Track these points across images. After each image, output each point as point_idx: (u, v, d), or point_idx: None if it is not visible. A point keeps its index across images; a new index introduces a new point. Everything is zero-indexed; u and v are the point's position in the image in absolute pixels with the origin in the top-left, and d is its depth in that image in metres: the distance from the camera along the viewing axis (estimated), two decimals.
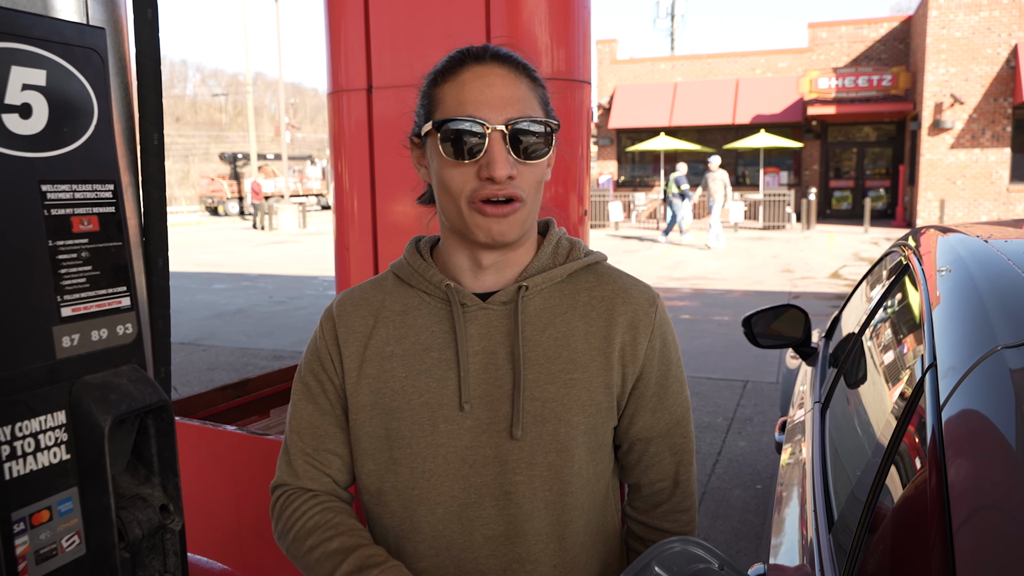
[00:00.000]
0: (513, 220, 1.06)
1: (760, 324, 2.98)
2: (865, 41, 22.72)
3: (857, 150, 24.01)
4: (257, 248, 18.69)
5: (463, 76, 1.06)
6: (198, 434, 2.14)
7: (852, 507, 1.30)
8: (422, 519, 1.12)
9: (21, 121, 0.91)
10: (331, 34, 2.85)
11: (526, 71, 1.09)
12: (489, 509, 1.11)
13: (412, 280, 1.17)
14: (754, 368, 6.65)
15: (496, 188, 1.03)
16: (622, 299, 1.16)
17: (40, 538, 0.92)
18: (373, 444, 1.14)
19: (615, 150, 25.92)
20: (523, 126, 1.04)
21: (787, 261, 14.11)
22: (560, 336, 1.12)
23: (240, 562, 2.15)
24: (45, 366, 0.93)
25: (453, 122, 1.03)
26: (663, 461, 1.21)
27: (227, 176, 36.72)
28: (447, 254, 1.16)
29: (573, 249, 1.19)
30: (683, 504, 1.25)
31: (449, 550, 1.11)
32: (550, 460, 1.10)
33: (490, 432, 1.10)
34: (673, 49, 40.83)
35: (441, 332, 1.13)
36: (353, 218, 2.88)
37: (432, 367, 1.12)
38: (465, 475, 1.10)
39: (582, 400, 1.11)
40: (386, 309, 1.17)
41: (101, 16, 1.06)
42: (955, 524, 0.90)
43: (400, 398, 1.12)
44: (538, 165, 1.07)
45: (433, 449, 1.10)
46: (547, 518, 1.12)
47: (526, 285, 1.12)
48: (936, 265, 1.70)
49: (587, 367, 1.12)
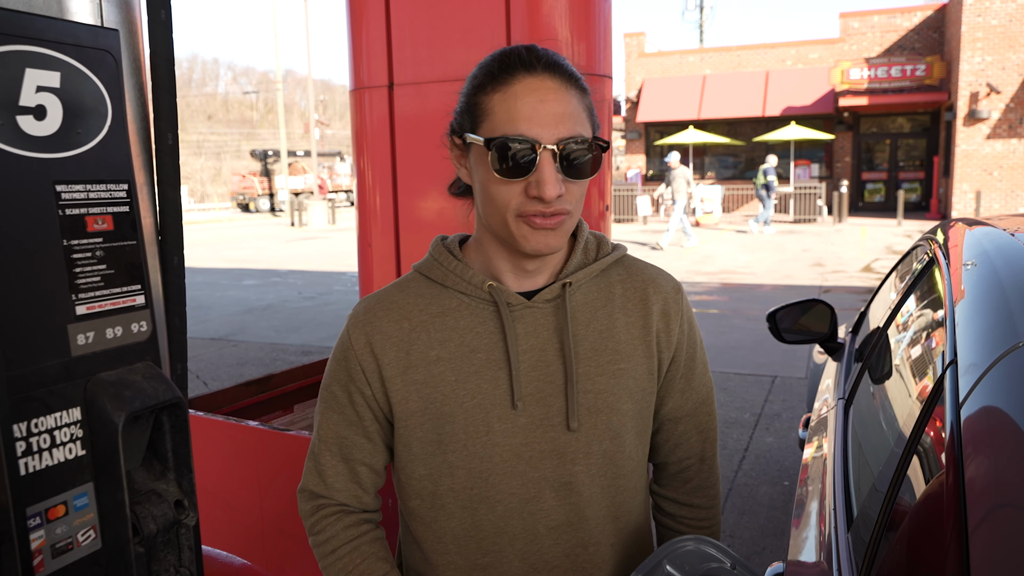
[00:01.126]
0: (560, 232, 1.07)
1: (785, 319, 2.94)
2: (898, 30, 22.33)
3: (890, 141, 23.61)
4: (287, 244, 18.88)
5: (514, 88, 1.04)
6: (221, 429, 2.17)
7: (870, 505, 1.28)
8: (483, 518, 1.13)
9: (35, 122, 0.93)
10: (353, 32, 2.87)
11: (575, 81, 1.07)
12: (550, 501, 1.13)
13: (447, 281, 1.15)
14: (783, 363, 6.58)
15: (544, 207, 1.03)
16: (653, 289, 1.21)
17: (56, 532, 0.94)
18: (425, 449, 1.13)
19: (643, 144, 25.76)
20: (574, 146, 1.03)
21: (818, 255, 13.93)
22: (603, 329, 1.16)
23: (263, 557, 2.18)
24: (60, 363, 0.94)
25: (505, 140, 1.02)
26: (690, 439, 1.27)
27: (258, 173, 37.09)
28: (487, 254, 1.15)
29: (601, 244, 1.22)
30: (710, 479, 1.32)
31: (513, 545, 1.13)
32: (604, 448, 1.14)
33: (544, 427, 1.12)
34: (702, 41, 40.47)
35: (486, 333, 1.13)
36: (376, 214, 2.89)
37: (481, 368, 1.12)
38: (522, 471, 1.12)
39: (630, 388, 1.16)
40: (420, 312, 1.15)
41: (115, 18, 1.07)
42: (971, 524, 0.88)
43: (452, 402, 1.11)
44: (584, 182, 1.07)
45: (489, 449, 1.11)
46: (603, 501, 1.16)
47: (570, 282, 1.14)
48: (962, 259, 1.66)
49: (631, 356, 1.17)
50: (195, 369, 7.00)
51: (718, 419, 5.17)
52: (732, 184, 24.38)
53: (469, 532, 1.14)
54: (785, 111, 22.75)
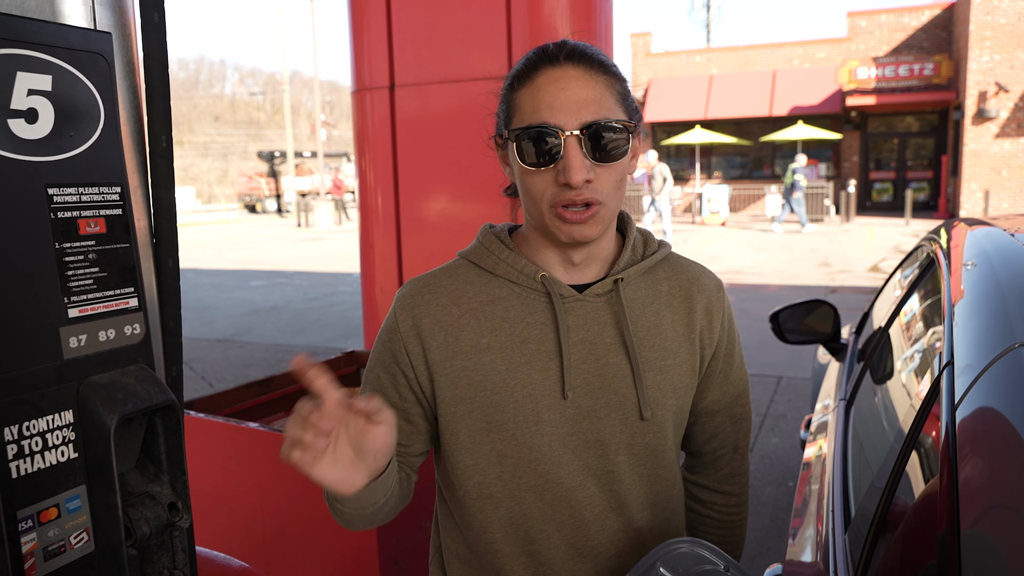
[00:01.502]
0: (593, 222, 1.07)
1: (788, 320, 2.94)
2: (906, 29, 22.24)
3: (898, 141, 23.52)
4: (293, 245, 18.92)
5: (538, 80, 1.06)
6: (222, 431, 2.17)
7: (867, 506, 1.28)
8: (531, 506, 1.15)
9: (27, 126, 0.93)
10: (354, 33, 2.87)
11: (603, 68, 1.07)
12: (592, 488, 1.15)
13: (497, 269, 1.16)
14: (789, 363, 6.56)
15: (573, 194, 1.04)
16: (697, 287, 1.22)
17: (48, 535, 0.94)
18: (473, 438, 1.14)
19: (650, 144, 25.72)
20: (599, 128, 1.03)
21: (825, 254, 13.89)
22: (651, 325, 1.17)
23: (264, 558, 2.18)
24: (52, 366, 0.95)
25: (528, 130, 1.04)
26: (725, 430, 1.31)
27: (265, 174, 37.17)
28: (535, 248, 1.16)
29: (648, 242, 1.24)
30: (741, 467, 1.35)
31: (560, 531, 1.16)
32: (648, 440, 1.17)
33: (591, 419, 1.13)
34: (709, 41, 40.40)
35: (537, 323, 1.13)
36: (377, 215, 2.90)
37: (531, 358, 1.12)
38: (568, 460, 1.14)
39: (674, 384, 1.18)
40: (469, 299, 1.16)
41: (108, 21, 1.07)
42: (964, 526, 0.88)
43: (502, 391, 1.12)
44: (618, 165, 1.07)
45: (538, 439, 1.12)
46: (643, 488, 1.19)
47: (622, 278, 1.15)
48: (962, 260, 1.66)
49: (676, 353, 1.18)
50: (200, 370, 7.02)
51: None
52: (739, 184, 24.33)
53: (517, 520, 1.16)
54: (792, 110, 22.68)
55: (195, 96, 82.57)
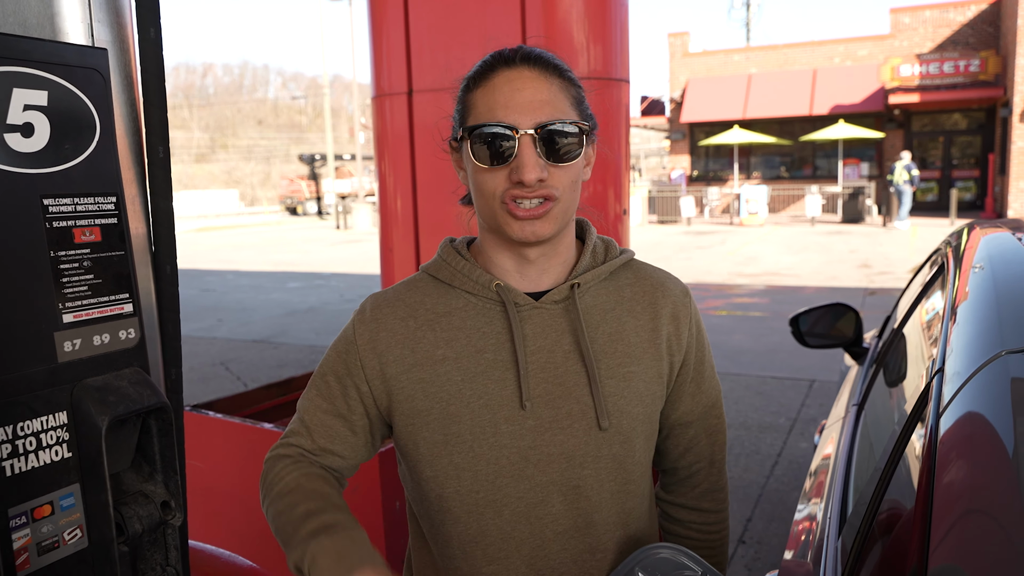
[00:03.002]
0: (547, 219, 1.06)
1: (809, 323, 2.91)
2: (951, 25, 21.74)
3: (943, 139, 23.01)
4: (331, 247, 19.15)
5: (494, 81, 1.06)
6: (238, 432, 2.22)
7: (857, 512, 1.27)
8: (489, 522, 1.11)
9: (23, 139, 0.97)
10: (373, 40, 2.91)
11: (558, 71, 1.08)
12: (558, 505, 1.12)
13: (454, 281, 1.15)
14: (822, 367, 6.47)
15: (527, 191, 1.04)
16: (662, 292, 1.20)
17: (42, 531, 0.98)
18: (431, 451, 1.12)
19: (688, 144, 25.52)
20: (553, 129, 1.04)
21: (865, 256, 13.65)
22: (613, 332, 1.15)
23: (278, 557, 2.22)
24: (47, 369, 0.99)
25: (483, 127, 1.04)
26: (700, 443, 1.27)
27: (306, 177, 37.68)
28: (489, 255, 1.15)
29: (609, 248, 1.22)
30: (720, 483, 1.30)
31: (519, 551, 1.12)
32: (614, 451, 1.13)
33: (553, 429, 1.10)
34: (749, 39, 39.95)
35: (493, 333, 1.12)
36: (397, 219, 2.94)
37: (488, 368, 1.11)
38: (530, 474, 1.10)
39: (640, 392, 1.15)
40: (426, 310, 1.15)
41: (106, 37, 1.11)
42: (934, 533, 0.88)
43: (458, 402, 1.10)
44: (572, 166, 1.07)
45: (496, 451, 1.10)
46: (613, 507, 1.15)
47: (578, 283, 1.14)
48: (971, 263, 1.63)
49: (641, 359, 1.16)
50: (236, 370, 7.16)
51: (753, 424, 5.09)
52: (778, 184, 24.02)
53: (475, 538, 1.12)
54: (833, 109, 22.32)
55: (239, 100, 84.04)
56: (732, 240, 17.29)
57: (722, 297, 10.29)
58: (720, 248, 15.70)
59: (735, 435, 4.97)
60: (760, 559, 3.42)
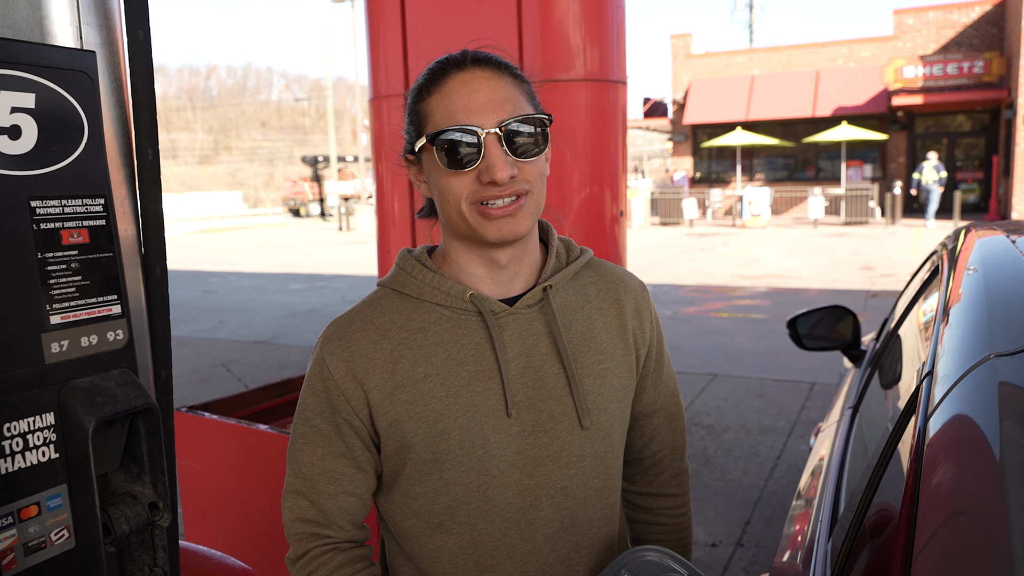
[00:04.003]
0: (521, 214, 1.06)
1: (806, 326, 2.90)
2: (955, 26, 21.71)
3: (947, 141, 22.96)
4: (334, 249, 19.18)
5: (448, 85, 1.06)
6: (233, 433, 2.23)
7: (846, 514, 1.27)
8: (482, 532, 1.11)
9: (10, 142, 0.98)
10: (371, 42, 2.92)
11: (508, 70, 1.09)
12: (547, 508, 1.12)
13: (423, 294, 1.12)
14: (823, 369, 6.45)
15: (499, 190, 1.04)
16: (624, 288, 1.23)
17: (28, 531, 0.98)
18: (420, 469, 1.10)
19: (690, 146, 25.51)
20: (516, 125, 1.04)
21: (868, 258, 13.63)
22: (584, 330, 1.16)
23: (272, 558, 2.23)
24: (34, 370, 0.99)
25: (446, 133, 1.03)
26: (663, 432, 1.32)
27: (308, 178, 37.71)
28: (458, 264, 1.13)
29: (569, 248, 1.23)
30: (682, 466, 1.36)
31: (511, 557, 1.12)
32: (596, 448, 1.15)
33: (537, 433, 1.11)
34: (752, 41, 39.93)
35: (471, 344, 1.10)
36: (394, 221, 2.94)
37: (471, 380, 1.09)
38: (518, 480, 1.11)
39: (615, 387, 1.17)
40: (399, 329, 1.11)
41: (95, 39, 1.11)
42: (918, 536, 0.88)
43: (445, 418, 1.08)
44: (537, 161, 1.07)
45: (485, 462, 1.09)
46: (598, 503, 1.17)
47: (551, 285, 1.14)
48: (965, 265, 1.63)
49: (613, 355, 1.18)
50: (237, 372, 7.16)
51: (753, 426, 5.07)
52: (781, 186, 23.99)
53: (468, 550, 1.12)
54: (836, 111, 22.30)
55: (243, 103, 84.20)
56: (734, 242, 17.27)
57: (724, 299, 10.28)
58: (722, 250, 15.69)
59: (734, 437, 4.97)
60: (758, 562, 3.41)
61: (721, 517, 3.81)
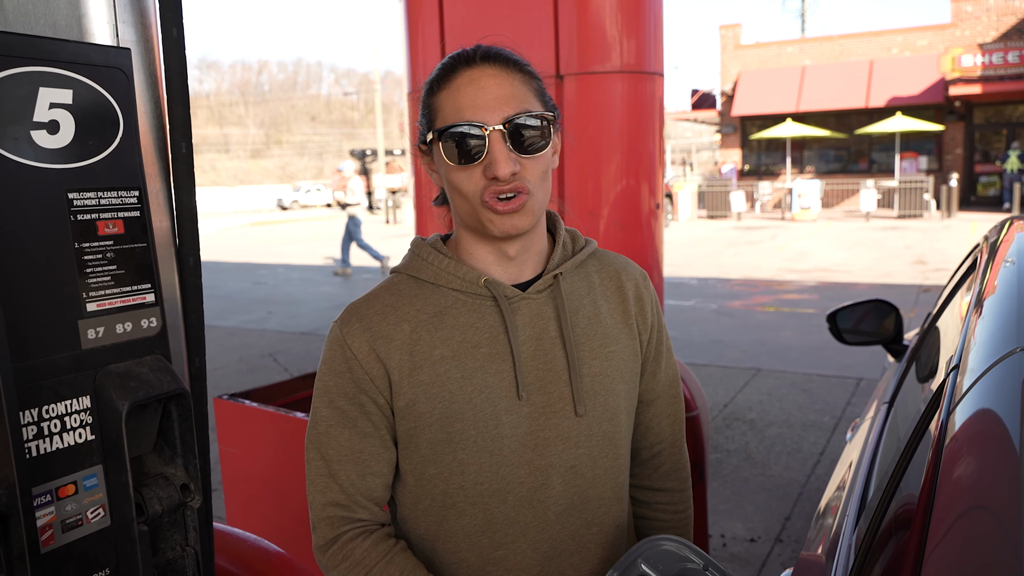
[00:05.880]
0: (523, 212, 1.09)
1: (847, 320, 2.86)
2: (1016, 13, 20.99)
3: (1006, 132, 22.25)
4: (380, 241, 19.37)
5: (457, 82, 1.10)
6: (272, 420, 2.28)
7: (871, 507, 1.26)
8: (495, 511, 1.15)
9: (48, 136, 1.02)
10: (409, 37, 2.95)
11: (518, 67, 1.12)
12: (557, 487, 1.16)
13: (440, 280, 1.16)
14: (870, 364, 6.33)
15: (502, 185, 1.07)
16: (625, 275, 1.27)
17: (66, 509, 1.03)
18: (434, 449, 1.13)
19: (739, 138, 25.15)
20: (520, 122, 1.07)
21: (921, 252, 13.30)
22: (591, 315, 1.21)
23: (309, 544, 2.27)
24: (71, 355, 1.03)
25: (453, 128, 1.07)
26: (661, 423, 1.32)
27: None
28: (468, 251, 1.18)
29: (575, 238, 1.27)
30: (681, 462, 1.36)
31: (524, 535, 1.16)
32: (604, 429, 1.19)
33: (547, 414, 1.15)
34: (804, 31, 39.15)
35: (486, 327, 1.14)
36: (431, 212, 2.97)
37: (485, 362, 1.13)
38: (529, 459, 1.14)
39: (620, 369, 1.21)
40: (417, 312, 1.15)
41: (131, 37, 1.16)
42: (933, 530, 0.87)
43: (460, 399, 1.12)
44: (541, 157, 1.10)
45: (498, 442, 1.13)
46: (607, 482, 1.21)
47: (561, 273, 1.18)
48: (1003, 258, 1.60)
49: (618, 339, 1.22)
50: (284, 362, 7.31)
51: (796, 422, 5.01)
52: (832, 178, 23.52)
53: (481, 528, 1.15)
54: (890, 101, 21.77)
55: (293, 97, 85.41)
56: (783, 235, 16.99)
57: (770, 293, 10.14)
58: (770, 243, 15.45)
59: (777, 432, 4.91)
60: (797, 558, 3.37)
61: (761, 512, 3.78)
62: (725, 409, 5.43)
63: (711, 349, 7.18)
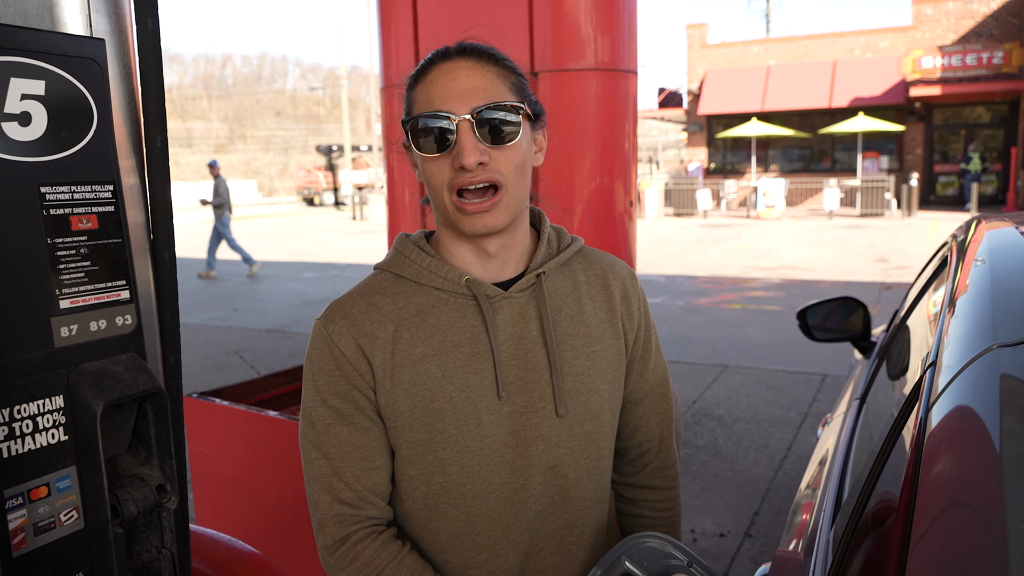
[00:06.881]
0: (497, 210, 1.08)
1: (816, 317, 2.89)
2: (975, 16, 21.45)
3: (965, 132, 22.73)
4: (347, 238, 19.24)
5: (431, 74, 1.10)
6: (243, 419, 2.25)
7: (848, 504, 1.27)
8: (477, 512, 1.14)
9: (20, 128, 0.99)
10: (382, 31, 2.92)
11: (494, 59, 1.11)
12: (538, 487, 1.15)
13: (421, 278, 1.15)
14: (835, 361, 6.43)
15: (469, 176, 1.05)
16: (612, 274, 1.26)
17: (38, 512, 1.00)
18: (415, 450, 1.13)
19: (705, 136, 25.37)
20: (489, 112, 1.06)
21: (883, 250, 13.53)
22: (574, 314, 1.19)
23: (281, 543, 2.25)
24: (43, 354, 1.01)
25: (421, 117, 1.07)
26: (649, 422, 1.31)
27: (323, 167, 37.79)
28: (448, 249, 1.16)
29: (561, 236, 1.25)
30: (669, 459, 1.35)
31: (507, 536, 1.15)
32: (586, 429, 1.17)
33: (528, 414, 1.14)
34: (768, 31, 39.62)
35: (467, 326, 1.13)
36: (404, 209, 2.95)
37: (465, 362, 1.12)
38: (510, 459, 1.13)
39: (604, 369, 1.20)
40: (399, 311, 1.14)
41: (104, 27, 1.13)
42: (916, 526, 0.88)
43: (441, 398, 1.11)
44: (513, 148, 1.08)
45: (479, 442, 1.12)
46: (589, 483, 1.20)
47: (544, 271, 1.17)
48: (973, 257, 1.62)
49: (602, 339, 1.21)
50: (250, 359, 7.22)
51: (764, 417, 5.07)
52: (796, 177, 23.84)
53: (464, 530, 1.14)
54: (853, 102, 22.11)
55: (257, 91, 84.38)
56: (748, 233, 17.19)
57: (737, 291, 10.25)
58: (736, 241, 15.62)
59: (745, 428, 4.97)
60: (766, 552, 3.41)
61: (730, 507, 3.82)
62: (694, 405, 5.47)
63: (679, 346, 7.24)
